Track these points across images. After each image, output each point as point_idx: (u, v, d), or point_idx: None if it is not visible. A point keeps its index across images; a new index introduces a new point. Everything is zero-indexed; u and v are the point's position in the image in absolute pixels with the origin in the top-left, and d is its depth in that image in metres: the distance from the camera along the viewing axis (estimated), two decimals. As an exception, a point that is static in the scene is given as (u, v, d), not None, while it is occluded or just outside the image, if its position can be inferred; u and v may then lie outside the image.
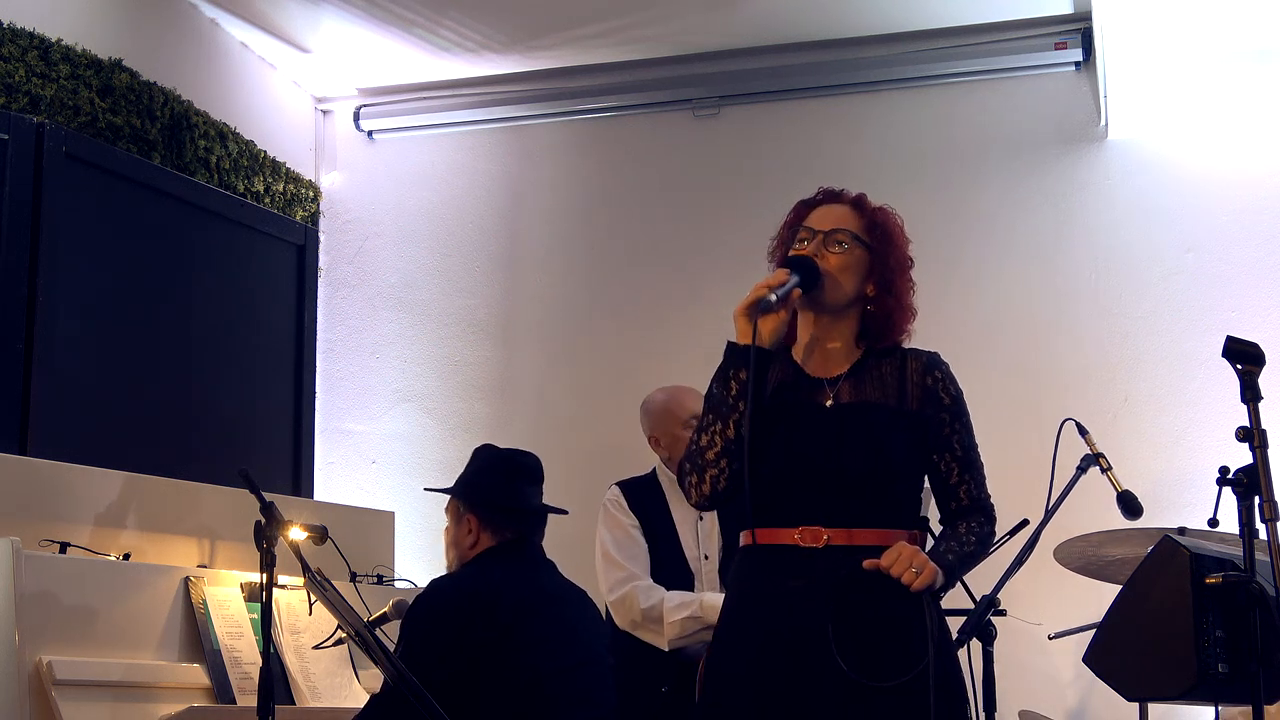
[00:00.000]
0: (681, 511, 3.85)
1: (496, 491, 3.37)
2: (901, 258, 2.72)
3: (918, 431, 2.63)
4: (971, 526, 2.66)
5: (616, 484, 3.93)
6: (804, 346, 2.71)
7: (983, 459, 2.73)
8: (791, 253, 2.66)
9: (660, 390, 4.00)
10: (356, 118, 5.79)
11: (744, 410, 2.54)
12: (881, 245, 2.69)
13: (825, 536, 2.54)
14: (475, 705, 3.02)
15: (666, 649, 3.63)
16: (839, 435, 2.58)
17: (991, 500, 2.72)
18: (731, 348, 2.57)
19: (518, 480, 3.41)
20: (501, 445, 3.54)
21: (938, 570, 2.51)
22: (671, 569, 3.75)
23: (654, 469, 3.96)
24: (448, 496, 3.47)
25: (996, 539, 2.93)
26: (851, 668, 2.46)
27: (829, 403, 2.64)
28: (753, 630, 2.57)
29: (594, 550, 3.87)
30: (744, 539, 2.67)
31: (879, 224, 2.71)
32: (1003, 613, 3.59)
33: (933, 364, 2.69)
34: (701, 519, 3.86)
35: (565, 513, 3.50)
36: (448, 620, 3.10)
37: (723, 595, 3.50)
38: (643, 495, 3.87)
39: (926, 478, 2.70)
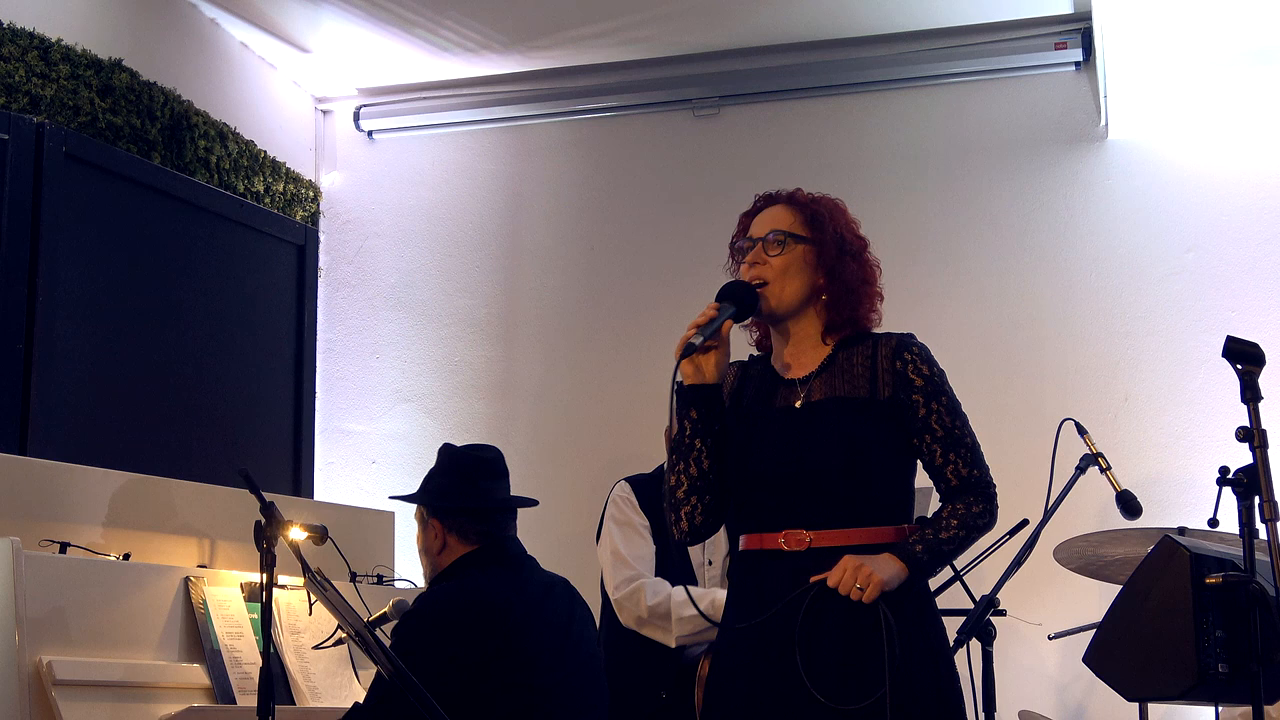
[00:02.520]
0: None
1: (456, 494, 3.31)
2: (845, 241, 2.68)
3: (892, 420, 2.59)
4: (955, 509, 2.58)
5: (626, 480, 3.90)
6: (778, 352, 2.71)
7: (969, 442, 2.64)
8: (736, 272, 2.68)
9: None
10: (356, 118, 5.80)
11: (700, 447, 2.59)
12: (820, 234, 2.66)
13: (808, 539, 2.53)
14: (474, 716, 3.00)
15: (673, 644, 3.62)
16: (809, 435, 2.57)
17: (989, 477, 2.63)
18: (676, 389, 2.59)
19: (478, 478, 3.33)
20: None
21: (888, 579, 2.45)
22: (676, 572, 3.73)
23: (659, 468, 3.95)
24: (418, 507, 3.40)
25: (997, 539, 2.92)
26: (826, 686, 2.43)
27: (799, 403, 2.62)
28: (746, 633, 2.56)
29: (598, 545, 3.85)
30: (740, 544, 2.68)
31: (815, 214, 2.68)
32: (1002, 613, 3.59)
33: (903, 346, 2.63)
34: None
35: (535, 503, 3.46)
36: (444, 635, 3.07)
37: None
38: (651, 495, 3.85)
39: (923, 470, 2.68)
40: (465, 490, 3.31)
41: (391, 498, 3.84)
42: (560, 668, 3.18)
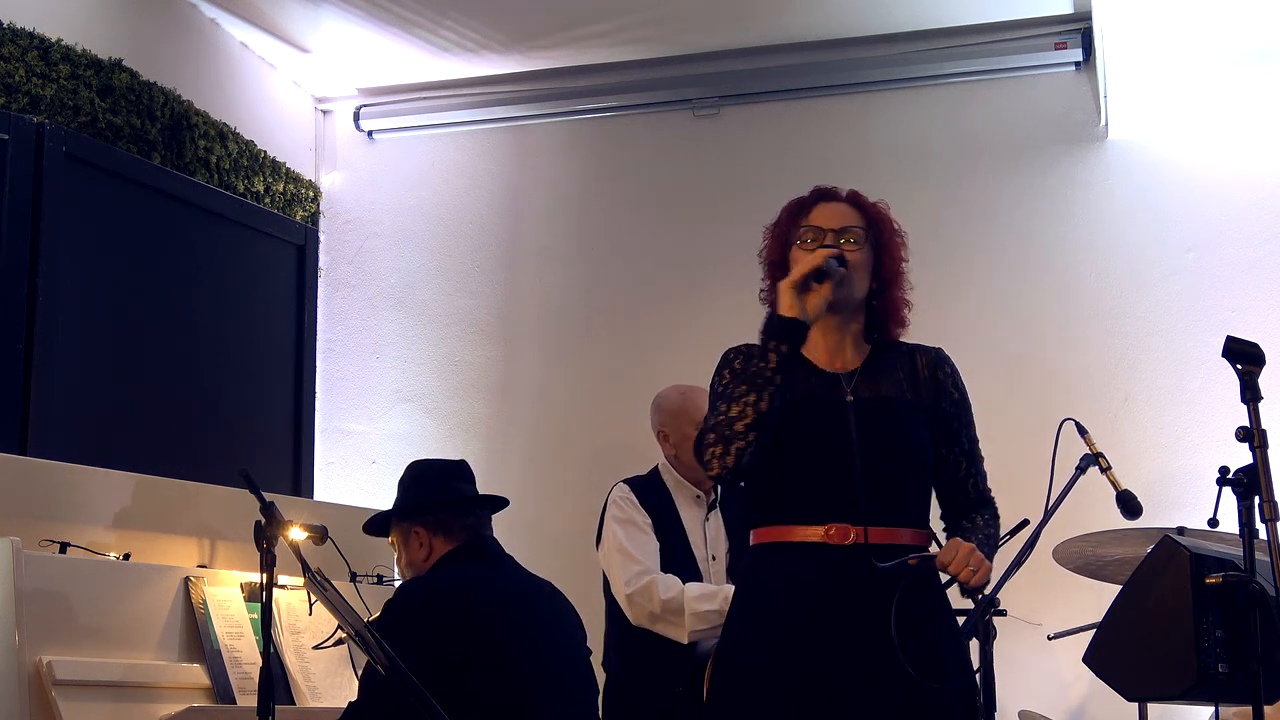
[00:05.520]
0: (688, 511, 3.85)
1: (435, 494, 3.35)
2: (900, 252, 2.74)
3: (930, 426, 2.65)
4: (986, 520, 2.69)
5: (624, 482, 3.92)
6: (816, 343, 2.67)
7: (983, 458, 2.75)
8: (819, 252, 2.60)
9: (675, 388, 4.00)
10: (356, 118, 5.80)
11: (778, 383, 2.50)
12: (884, 240, 2.70)
13: (853, 534, 2.53)
14: (459, 710, 2.99)
15: (685, 641, 3.62)
16: (865, 430, 2.57)
17: (992, 494, 2.75)
18: (774, 319, 2.53)
19: (450, 480, 3.38)
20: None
21: (990, 567, 2.53)
22: (681, 569, 3.74)
23: (655, 469, 3.96)
24: (394, 527, 3.42)
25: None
26: (892, 666, 2.47)
27: (849, 398, 2.62)
28: (778, 627, 2.55)
29: (599, 549, 3.85)
30: (759, 536, 2.65)
31: (879, 220, 2.72)
32: (1003, 613, 3.58)
33: (941, 359, 2.72)
34: (708, 519, 3.85)
35: (506, 502, 3.46)
36: (423, 625, 3.07)
37: None
38: (651, 494, 3.86)
39: None
40: (443, 489, 3.36)
41: (367, 529, 3.59)
42: (545, 660, 3.18)
